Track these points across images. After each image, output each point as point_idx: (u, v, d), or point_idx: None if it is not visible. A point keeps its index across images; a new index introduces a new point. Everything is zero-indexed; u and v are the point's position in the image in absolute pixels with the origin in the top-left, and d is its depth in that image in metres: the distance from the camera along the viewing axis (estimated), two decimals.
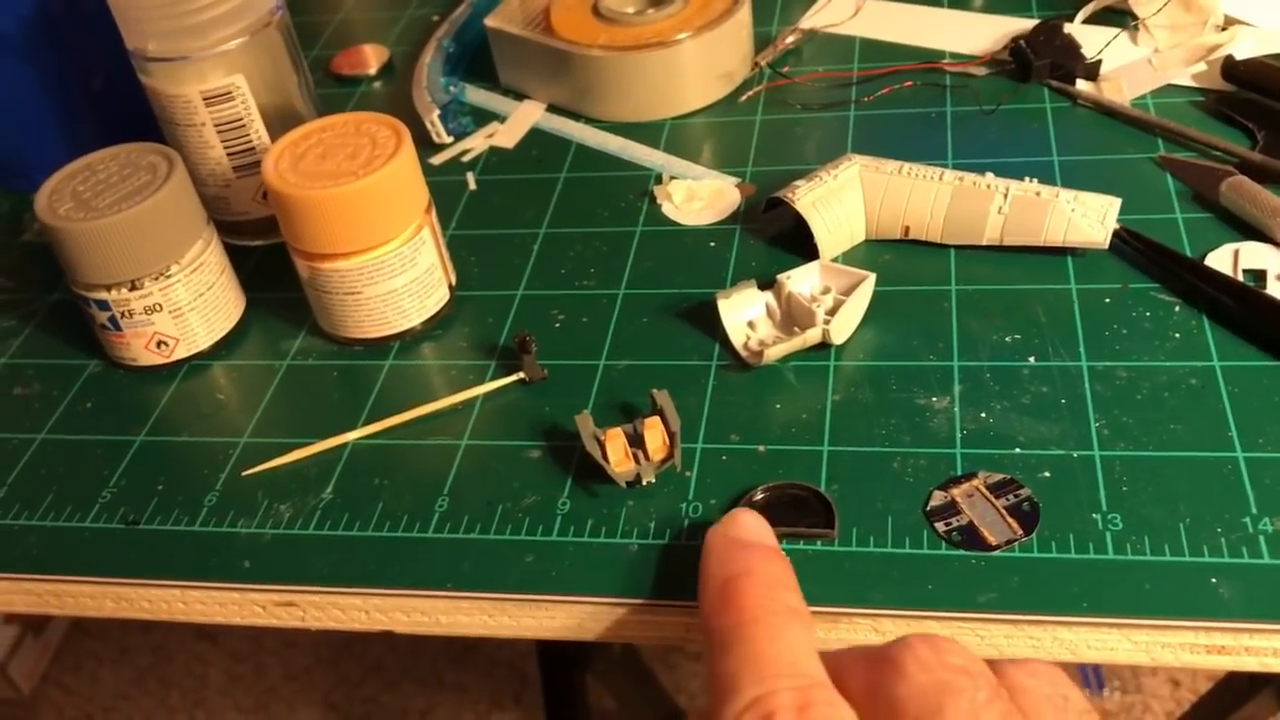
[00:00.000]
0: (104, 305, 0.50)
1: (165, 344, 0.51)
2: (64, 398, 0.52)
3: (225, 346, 0.53)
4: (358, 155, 0.48)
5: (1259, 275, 0.47)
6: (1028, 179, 0.51)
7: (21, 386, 0.53)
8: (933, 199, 0.51)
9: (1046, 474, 0.41)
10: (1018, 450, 0.42)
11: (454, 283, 0.53)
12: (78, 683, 1.32)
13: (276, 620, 0.44)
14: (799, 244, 0.52)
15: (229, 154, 0.55)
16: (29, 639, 1.32)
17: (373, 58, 0.72)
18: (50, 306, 0.57)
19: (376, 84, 0.71)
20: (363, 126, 0.50)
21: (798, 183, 0.52)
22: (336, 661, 1.30)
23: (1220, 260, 0.48)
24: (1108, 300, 0.48)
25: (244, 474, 0.47)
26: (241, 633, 1.34)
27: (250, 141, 0.54)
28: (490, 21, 0.65)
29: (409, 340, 0.52)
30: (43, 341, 0.55)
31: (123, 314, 0.50)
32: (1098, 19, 0.64)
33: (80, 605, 0.45)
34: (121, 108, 0.63)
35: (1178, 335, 0.46)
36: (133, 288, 0.49)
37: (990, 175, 0.51)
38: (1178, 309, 0.47)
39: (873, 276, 0.48)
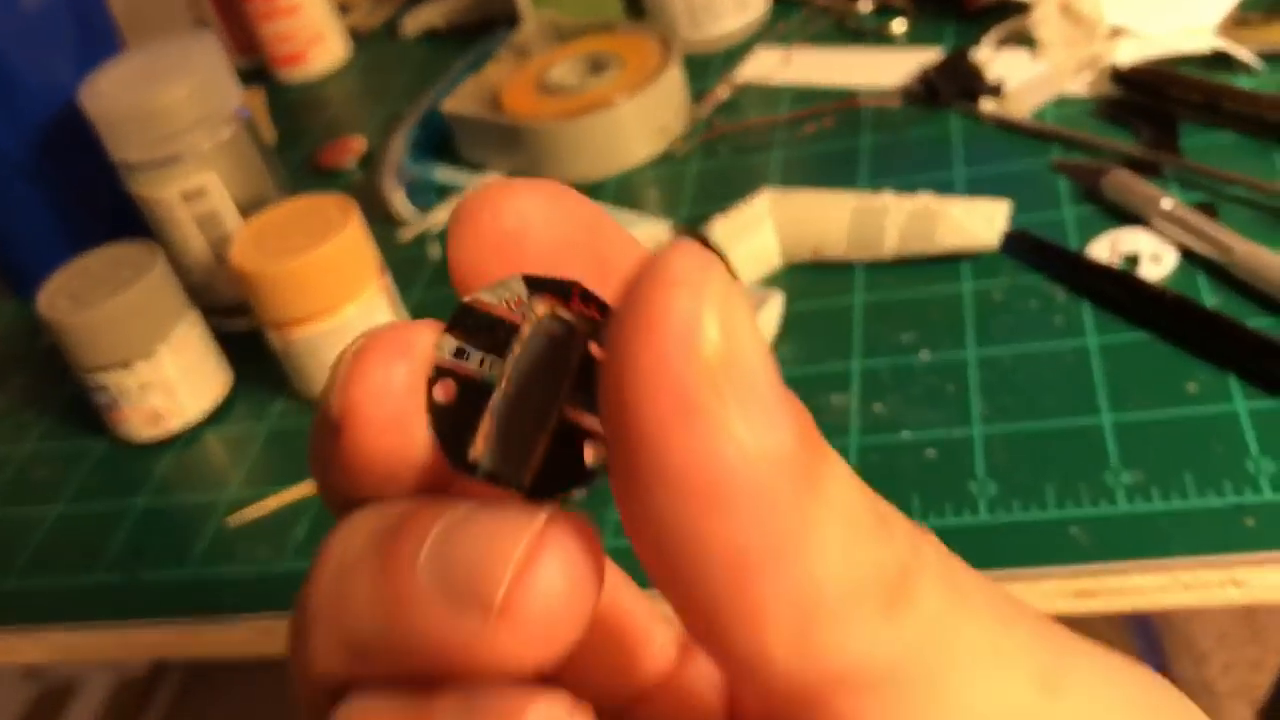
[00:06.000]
0: (102, 386, 0.56)
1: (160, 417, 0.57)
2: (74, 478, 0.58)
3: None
4: (312, 232, 0.54)
5: (1133, 259, 0.51)
6: (921, 192, 0.55)
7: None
8: (835, 221, 0.55)
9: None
10: (905, 434, 0.46)
11: None
12: None
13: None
14: None
15: (209, 244, 0.61)
16: None
17: (353, 150, 0.78)
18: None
19: (357, 174, 0.77)
20: (315, 206, 0.56)
21: (715, 219, 0.57)
22: None
23: (1100, 248, 0.52)
24: (998, 297, 0.52)
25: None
26: None
27: (228, 233, 0.61)
28: (446, 106, 0.72)
29: None
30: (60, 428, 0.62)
31: (120, 392, 0.56)
32: (1003, 44, 0.68)
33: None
34: (128, 219, 0.70)
35: (1059, 319, 0.49)
36: (125, 367, 0.55)
37: (887, 193, 0.55)
38: (1061, 297, 0.51)
39: (779, 295, 0.52)
